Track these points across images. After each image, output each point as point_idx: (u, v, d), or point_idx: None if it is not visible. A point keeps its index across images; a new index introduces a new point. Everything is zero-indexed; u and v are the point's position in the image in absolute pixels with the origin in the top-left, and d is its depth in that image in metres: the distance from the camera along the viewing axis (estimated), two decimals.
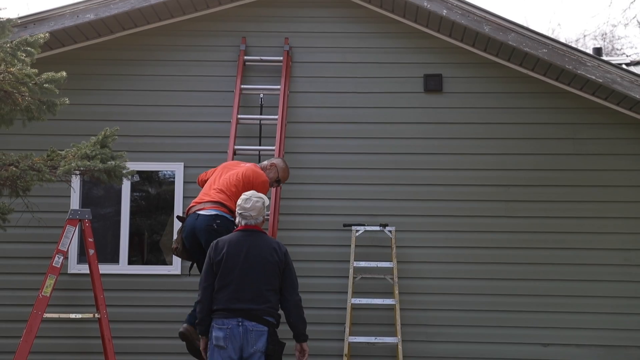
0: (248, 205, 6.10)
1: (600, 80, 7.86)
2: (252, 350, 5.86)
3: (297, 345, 6.07)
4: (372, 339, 7.77)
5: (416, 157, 8.31)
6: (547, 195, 8.22)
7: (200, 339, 6.16)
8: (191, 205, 7.00)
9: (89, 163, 6.72)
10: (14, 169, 6.57)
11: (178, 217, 7.24)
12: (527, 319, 8.07)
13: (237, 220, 6.17)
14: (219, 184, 7.00)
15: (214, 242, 6.12)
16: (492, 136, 8.31)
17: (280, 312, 5.99)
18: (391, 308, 7.90)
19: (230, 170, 7.11)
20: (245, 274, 5.94)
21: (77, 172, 6.88)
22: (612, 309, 8.06)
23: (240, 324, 5.88)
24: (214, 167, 8.09)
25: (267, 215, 7.11)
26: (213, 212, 6.81)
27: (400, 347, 7.70)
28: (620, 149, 8.24)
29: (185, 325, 6.71)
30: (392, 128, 8.36)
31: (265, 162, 7.32)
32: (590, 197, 8.19)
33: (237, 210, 6.13)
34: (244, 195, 6.18)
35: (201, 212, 6.82)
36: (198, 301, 6.08)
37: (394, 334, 7.81)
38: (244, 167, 7.11)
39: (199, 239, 6.79)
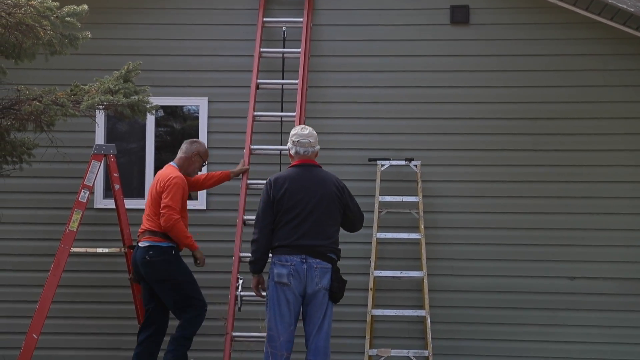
0: (306, 132, 6.13)
1: (632, 10, 7.65)
2: (317, 287, 5.89)
3: None
4: (397, 273, 7.78)
5: (442, 91, 8.19)
6: (576, 128, 8.09)
7: (252, 277, 6.15)
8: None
9: (112, 98, 6.72)
10: (37, 103, 6.56)
11: (129, 247, 7.49)
12: (554, 253, 8.02)
13: (292, 152, 6.12)
14: (146, 208, 7.19)
15: (272, 178, 6.06)
16: (520, 68, 8.16)
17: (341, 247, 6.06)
18: (417, 242, 7.88)
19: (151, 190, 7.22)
20: (309, 210, 5.93)
21: (101, 106, 6.88)
22: None
23: (304, 260, 5.88)
24: (238, 102, 8.10)
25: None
26: (146, 244, 7.05)
27: (425, 281, 7.70)
28: None
29: None
30: (417, 61, 8.23)
31: (185, 149, 7.34)
32: (621, 130, 8.05)
33: (293, 139, 6.11)
34: (298, 126, 6.21)
35: (139, 244, 7.12)
36: (254, 240, 6.02)
37: (419, 268, 7.81)
38: (153, 183, 7.21)
39: (141, 271, 7.07)
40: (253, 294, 6.48)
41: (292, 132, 6.16)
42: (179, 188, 7.03)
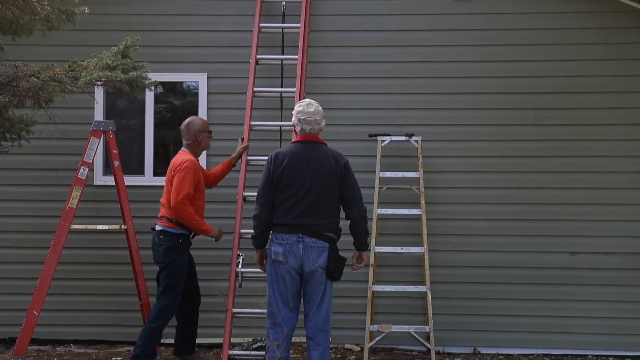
0: (312, 109, 6.01)
1: None
2: (314, 267, 5.85)
3: (356, 252, 6.07)
4: (398, 249, 7.76)
5: (443, 65, 8.14)
6: (577, 102, 8.05)
7: (255, 252, 6.14)
8: None
9: (110, 74, 6.68)
10: (35, 79, 6.52)
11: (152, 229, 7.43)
12: (554, 228, 8.01)
13: (298, 128, 6.03)
14: (164, 194, 7.18)
15: (274, 154, 6.01)
16: (521, 42, 8.10)
17: (341, 225, 5.96)
18: (417, 218, 7.86)
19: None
20: (307, 188, 5.87)
21: (99, 82, 6.84)
22: None
23: (300, 239, 5.85)
24: (238, 77, 8.05)
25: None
26: (159, 228, 7.08)
27: (426, 256, 7.69)
28: None
29: None
30: (418, 36, 8.17)
31: (185, 134, 7.27)
32: (623, 104, 8.00)
33: (299, 117, 6.00)
34: (303, 101, 6.09)
35: (155, 227, 7.16)
36: (255, 215, 6.01)
37: (420, 244, 7.79)
38: (167, 170, 7.21)
39: None
40: (253, 270, 6.47)
41: (298, 107, 6.06)
42: (189, 172, 6.98)
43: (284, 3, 8.12)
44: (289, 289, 5.88)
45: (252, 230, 6.11)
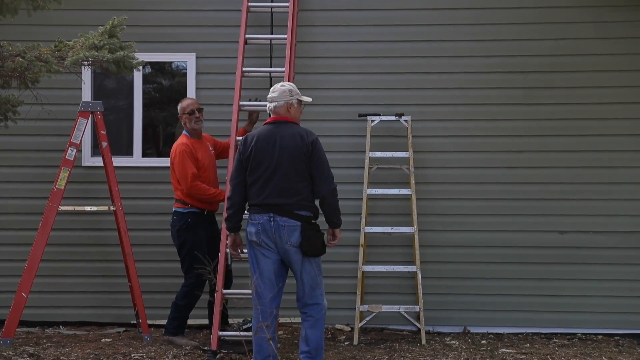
0: (275, 94, 6.04)
1: None
2: (287, 245, 5.87)
3: (329, 229, 6.09)
4: (388, 229, 7.75)
5: (432, 45, 8.10)
6: (567, 81, 8.03)
7: (229, 235, 6.17)
8: None
9: (97, 54, 6.60)
10: (20, 59, 6.44)
11: None
12: (544, 207, 8.01)
13: (268, 110, 6.10)
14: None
15: (244, 137, 6.06)
16: (511, 21, 8.06)
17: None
18: (407, 198, 7.85)
19: None
20: (275, 168, 5.88)
21: (86, 63, 6.76)
22: (632, 195, 7.98)
23: (271, 219, 5.86)
24: (227, 57, 8.00)
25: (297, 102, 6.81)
26: (173, 210, 7.31)
27: (416, 236, 7.69)
28: None
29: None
30: (407, 14, 8.13)
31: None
32: (612, 83, 7.99)
33: (267, 101, 6.10)
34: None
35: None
36: (227, 197, 6.05)
37: (410, 224, 7.78)
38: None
39: None
40: (243, 251, 6.47)
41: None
42: (184, 155, 7.15)
43: None
44: (269, 268, 5.91)
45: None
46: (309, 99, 6.21)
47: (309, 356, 5.89)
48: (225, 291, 7.01)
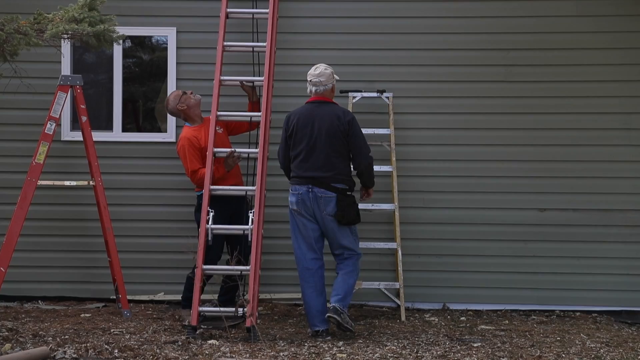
0: (317, 72, 6.77)
1: None
2: (323, 214, 6.67)
3: (362, 188, 6.99)
4: (369, 206, 7.75)
5: (414, 21, 8.08)
6: (548, 59, 8.04)
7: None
8: None
9: (77, 27, 6.53)
10: None
11: None
12: (523, 185, 8.05)
13: (308, 90, 6.82)
14: None
15: (287, 115, 6.88)
16: None
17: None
18: (388, 175, 7.86)
19: None
20: (313, 144, 6.66)
21: (66, 36, 6.69)
22: (611, 173, 8.03)
23: (310, 190, 6.67)
24: (208, 32, 7.94)
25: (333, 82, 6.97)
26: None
27: (397, 213, 7.70)
28: (625, 9, 7.99)
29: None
30: None
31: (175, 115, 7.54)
32: (593, 60, 8.01)
33: (308, 78, 6.80)
34: (314, 66, 6.83)
35: None
36: (281, 168, 6.98)
37: (390, 201, 7.79)
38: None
39: None
40: (223, 227, 6.86)
41: (309, 71, 6.82)
42: (185, 150, 7.22)
43: None
44: (309, 234, 6.72)
45: (222, 187, 7.04)
46: (337, 78, 6.95)
47: (339, 299, 6.68)
48: (206, 267, 7.00)
